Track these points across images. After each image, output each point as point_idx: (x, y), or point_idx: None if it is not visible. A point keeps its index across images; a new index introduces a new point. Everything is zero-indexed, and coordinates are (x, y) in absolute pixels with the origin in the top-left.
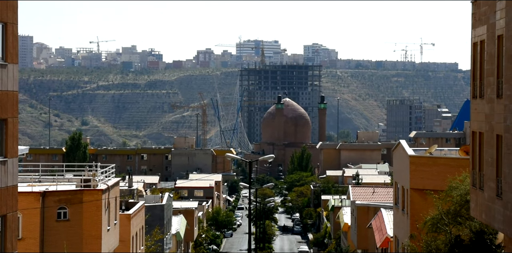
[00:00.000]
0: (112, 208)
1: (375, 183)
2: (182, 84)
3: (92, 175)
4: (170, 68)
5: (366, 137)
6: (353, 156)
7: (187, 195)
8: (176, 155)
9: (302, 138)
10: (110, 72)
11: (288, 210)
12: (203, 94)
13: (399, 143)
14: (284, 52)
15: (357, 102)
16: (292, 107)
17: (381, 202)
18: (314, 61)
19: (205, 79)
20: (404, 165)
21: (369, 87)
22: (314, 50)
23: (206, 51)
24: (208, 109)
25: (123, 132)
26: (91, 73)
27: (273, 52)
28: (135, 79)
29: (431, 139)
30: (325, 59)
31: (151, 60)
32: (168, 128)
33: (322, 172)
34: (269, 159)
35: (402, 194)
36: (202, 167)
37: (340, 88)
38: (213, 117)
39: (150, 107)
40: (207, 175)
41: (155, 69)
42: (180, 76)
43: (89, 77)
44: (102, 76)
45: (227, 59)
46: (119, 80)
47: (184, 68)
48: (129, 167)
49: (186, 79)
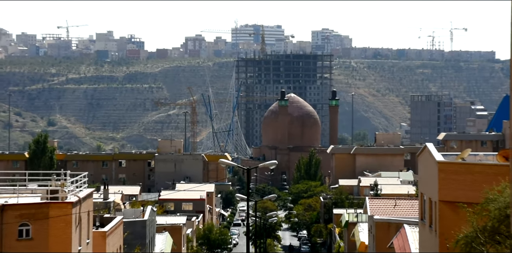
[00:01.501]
0: (84, 224)
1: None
2: (168, 77)
3: (61, 185)
4: (153, 58)
5: (386, 140)
6: (371, 162)
7: (174, 209)
8: (160, 162)
9: (310, 141)
10: (82, 63)
11: (294, 227)
12: (192, 88)
13: (425, 146)
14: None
15: (375, 98)
16: (298, 104)
17: (404, 217)
18: (324, 49)
19: (195, 71)
20: (431, 173)
21: (390, 80)
22: (324, 36)
23: (196, 38)
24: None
25: (98, 134)
26: (59, 64)
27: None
28: (111, 71)
29: (464, 142)
30: (337, 48)
31: (131, 49)
32: (151, 129)
33: (334, 181)
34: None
35: (429, 207)
36: (192, 175)
37: (355, 81)
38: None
39: (129, 105)
40: (197, 185)
41: (135, 59)
42: (165, 68)
43: (57, 69)
44: (73, 67)
45: (221, 47)
46: (92, 72)
47: (170, 58)
48: (105, 176)
49: (172, 71)
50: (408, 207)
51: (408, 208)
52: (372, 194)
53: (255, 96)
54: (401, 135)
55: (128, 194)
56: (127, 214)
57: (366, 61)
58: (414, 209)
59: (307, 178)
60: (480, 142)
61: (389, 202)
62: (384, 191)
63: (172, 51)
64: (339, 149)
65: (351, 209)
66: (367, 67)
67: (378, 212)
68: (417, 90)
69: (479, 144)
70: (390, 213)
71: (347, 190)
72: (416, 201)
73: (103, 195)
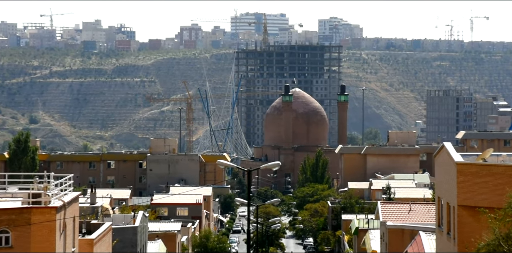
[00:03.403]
0: (69, 231)
1: (412, 198)
2: (161, 70)
3: (43, 188)
4: (145, 50)
5: (400, 139)
6: (383, 164)
7: (167, 215)
8: (153, 162)
9: (316, 140)
10: (67, 55)
11: (299, 234)
12: (188, 83)
13: (443, 146)
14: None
15: (388, 94)
16: (303, 100)
17: (419, 224)
18: (332, 40)
19: (191, 64)
20: (449, 175)
21: (404, 73)
22: (332, 26)
23: (192, 28)
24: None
25: (84, 133)
26: (42, 55)
27: (278, 28)
28: (99, 63)
29: (485, 141)
30: (346, 38)
31: (121, 39)
32: (143, 127)
33: (343, 184)
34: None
35: (447, 213)
36: (187, 177)
37: (365, 75)
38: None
39: (119, 100)
40: (193, 188)
41: (125, 50)
42: (158, 60)
43: (40, 61)
44: (57, 59)
45: (219, 37)
46: (78, 65)
47: (164, 50)
48: (92, 178)
49: (166, 63)
50: (424, 213)
51: (424, 213)
52: (385, 198)
53: (257, 91)
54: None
55: (118, 198)
56: (117, 220)
57: (378, 53)
58: (431, 215)
59: (314, 181)
60: (503, 141)
61: (403, 207)
62: (397, 195)
63: (165, 41)
64: (348, 149)
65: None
66: (379, 59)
67: (391, 218)
68: (434, 84)
69: (502, 144)
70: (404, 219)
71: (357, 194)
72: (432, 206)
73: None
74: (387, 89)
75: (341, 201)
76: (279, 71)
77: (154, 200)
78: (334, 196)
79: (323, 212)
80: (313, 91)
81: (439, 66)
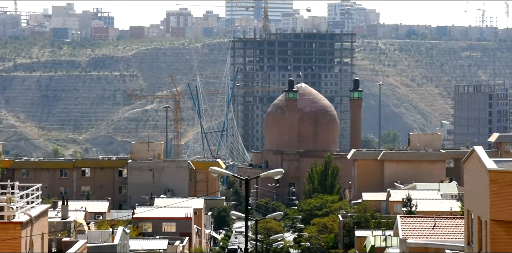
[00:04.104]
0: (37, 249)
1: (437, 212)
2: (144, 62)
3: (7, 200)
4: (125, 38)
5: (423, 142)
6: (403, 171)
7: (152, 231)
8: (134, 170)
9: (325, 143)
10: (35, 44)
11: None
12: (175, 77)
13: (473, 151)
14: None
15: (409, 90)
16: (310, 97)
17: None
18: (343, 27)
19: (179, 55)
20: (481, 184)
21: (428, 66)
22: (343, 10)
23: (181, 12)
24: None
25: (54, 135)
26: (4, 45)
27: (281, 14)
28: (72, 54)
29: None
30: (360, 25)
31: (97, 26)
32: (123, 129)
33: (357, 195)
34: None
35: (478, 228)
36: (175, 188)
37: (383, 67)
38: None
39: (95, 97)
40: (182, 200)
41: (103, 39)
42: (141, 50)
43: (2, 52)
44: (22, 50)
45: (212, 24)
46: (48, 56)
47: (147, 38)
48: (64, 189)
49: (150, 54)
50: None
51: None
52: (405, 211)
53: (256, 86)
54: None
55: (94, 212)
56: (93, 237)
57: (397, 42)
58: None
59: (322, 191)
60: None
61: (426, 221)
62: (420, 207)
63: (149, 29)
64: (362, 154)
65: (378, 231)
66: (398, 49)
67: (412, 234)
68: (463, 78)
69: None
70: (428, 235)
71: (373, 207)
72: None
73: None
74: (408, 84)
75: (354, 215)
76: (282, 64)
77: (136, 214)
78: (346, 209)
79: (333, 227)
80: (322, 87)
81: (468, 57)
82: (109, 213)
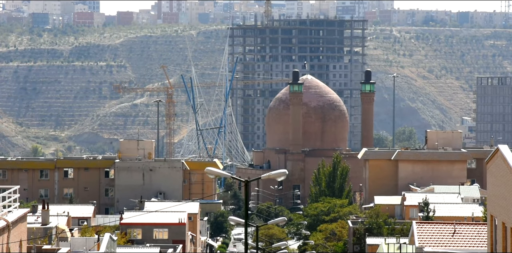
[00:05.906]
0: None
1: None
2: (133, 51)
3: None
4: (112, 25)
5: (442, 141)
6: (420, 172)
7: (142, 238)
8: (123, 171)
9: (333, 141)
10: (11, 32)
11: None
12: (168, 68)
13: (497, 150)
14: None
15: (426, 82)
16: (317, 90)
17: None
18: (354, 13)
19: (172, 43)
20: (505, 187)
21: (447, 56)
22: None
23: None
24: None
25: (34, 132)
26: None
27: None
28: (53, 42)
29: None
30: (372, 10)
31: (81, 12)
32: (110, 126)
33: (368, 198)
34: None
35: (502, 235)
36: (167, 190)
37: (397, 58)
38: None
39: (79, 90)
40: (175, 204)
41: (87, 26)
42: (130, 38)
43: None
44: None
45: (209, 9)
46: (26, 45)
47: (137, 25)
48: (44, 191)
49: (140, 43)
50: (473, 235)
51: (473, 236)
52: (422, 217)
53: (257, 78)
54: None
55: (77, 217)
56: (76, 244)
57: (413, 30)
58: (482, 238)
59: (330, 195)
60: None
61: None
62: (438, 212)
63: (139, 14)
64: (375, 153)
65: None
66: (414, 37)
67: (429, 242)
68: (487, 70)
69: None
70: (446, 243)
71: (386, 212)
72: (484, 227)
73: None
74: (425, 77)
75: (366, 221)
76: (286, 53)
77: (124, 219)
78: (356, 214)
79: (342, 234)
80: (330, 79)
81: (492, 47)
82: (95, 218)
